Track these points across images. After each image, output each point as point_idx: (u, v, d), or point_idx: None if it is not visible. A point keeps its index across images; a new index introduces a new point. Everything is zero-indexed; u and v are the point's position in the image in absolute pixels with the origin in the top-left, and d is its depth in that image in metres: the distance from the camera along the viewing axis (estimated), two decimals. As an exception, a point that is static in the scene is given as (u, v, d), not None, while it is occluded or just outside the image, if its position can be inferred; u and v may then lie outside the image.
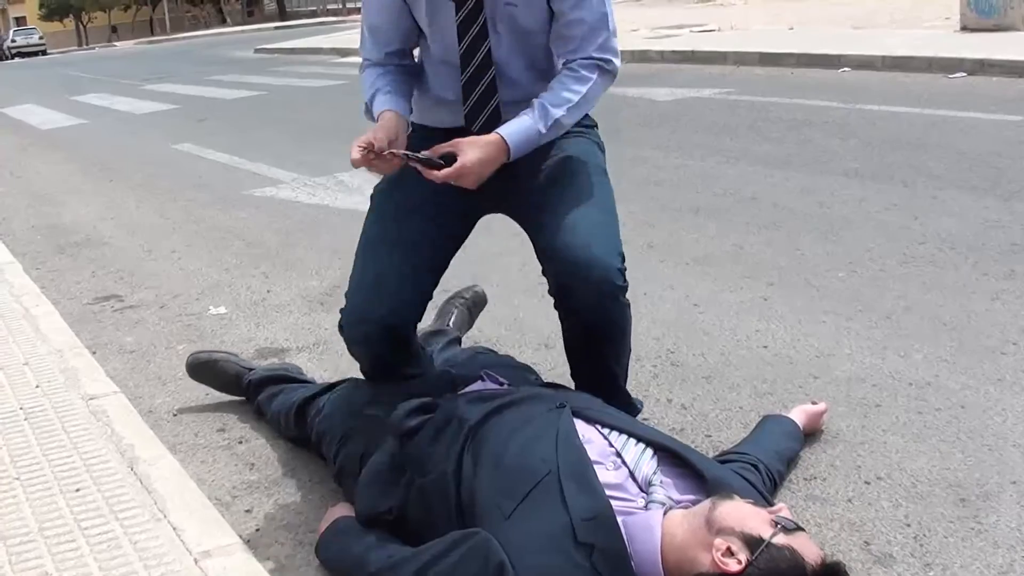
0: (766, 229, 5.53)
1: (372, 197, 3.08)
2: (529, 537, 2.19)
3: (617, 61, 2.92)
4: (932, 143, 7.40)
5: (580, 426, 2.47)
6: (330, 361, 4.13)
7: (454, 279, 3.33)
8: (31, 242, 6.76)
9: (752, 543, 2.10)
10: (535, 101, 2.82)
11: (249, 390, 3.57)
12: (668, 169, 7.28)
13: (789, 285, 4.65)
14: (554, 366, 3.83)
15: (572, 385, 3.14)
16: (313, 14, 60.09)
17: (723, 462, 2.72)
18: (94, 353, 4.24)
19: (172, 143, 11.00)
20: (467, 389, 2.85)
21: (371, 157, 2.71)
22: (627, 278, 2.84)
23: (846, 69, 12.05)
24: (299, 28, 43.06)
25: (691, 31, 18.12)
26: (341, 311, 3.01)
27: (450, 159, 2.71)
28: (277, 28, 48.20)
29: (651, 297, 4.55)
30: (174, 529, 2.67)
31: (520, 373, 3.15)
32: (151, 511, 2.77)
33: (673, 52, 15.11)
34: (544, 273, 2.89)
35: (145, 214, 7.43)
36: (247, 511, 2.97)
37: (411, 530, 2.50)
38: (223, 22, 66.35)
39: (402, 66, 3.04)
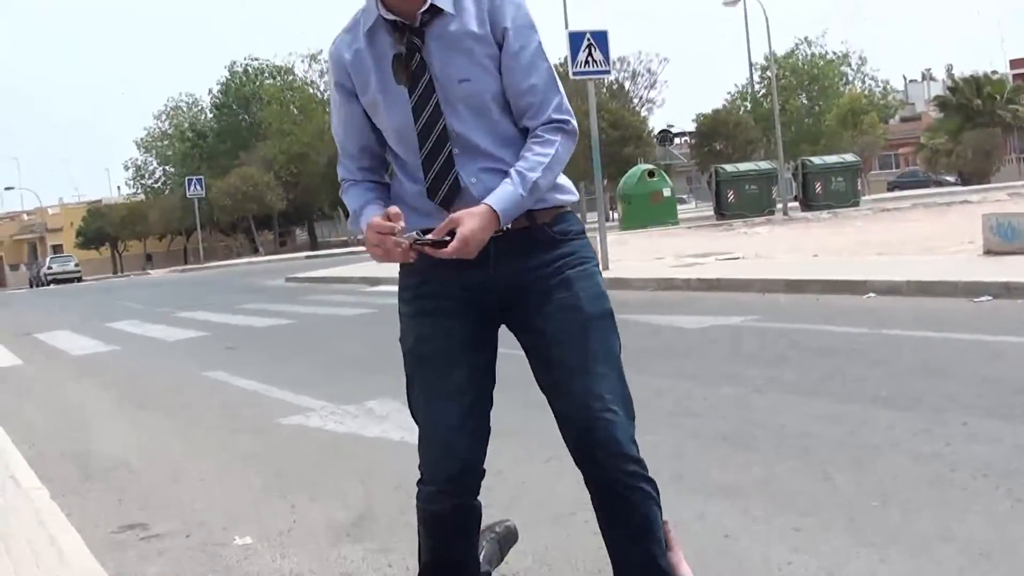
0: (796, 458, 5.49)
1: (404, 353, 3.26)
2: None
3: (574, 121, 3.16)
4: (960, 368, 7.41)
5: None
6: (356, 593, 4.09)
7: (485, 509, 3.33)
8: (59, 467, 6.77)
9: None
10: (511, 171, 3.02)
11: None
12: (696, 399, 7.28)
13: (821, 515, 4.59)
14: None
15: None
16: (344, 243, 61.27)
17: None
18: (118, 584, 4.21)
19: (203, 370, 11.11)
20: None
21: (394, 243, 2.92)
22: (638, 449, 3.14)
23: (872, 295, 12.13)
24: (330, 257, 43.86)
25: (716, 259, 18.37)
26: (419, 482, 3.26)
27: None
28: (308, 257, 49.10)
29: (682, 528, 4.47)
30: None
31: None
32: None
33: (699, 280, 15.29)
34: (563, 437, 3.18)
35: (173, 440, 7.45)
36: None
37: None
38: (255, 251, 67.71)
39: (382, 184, 3.25)
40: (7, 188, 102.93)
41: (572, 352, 3.07)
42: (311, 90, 70.40)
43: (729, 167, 39.66)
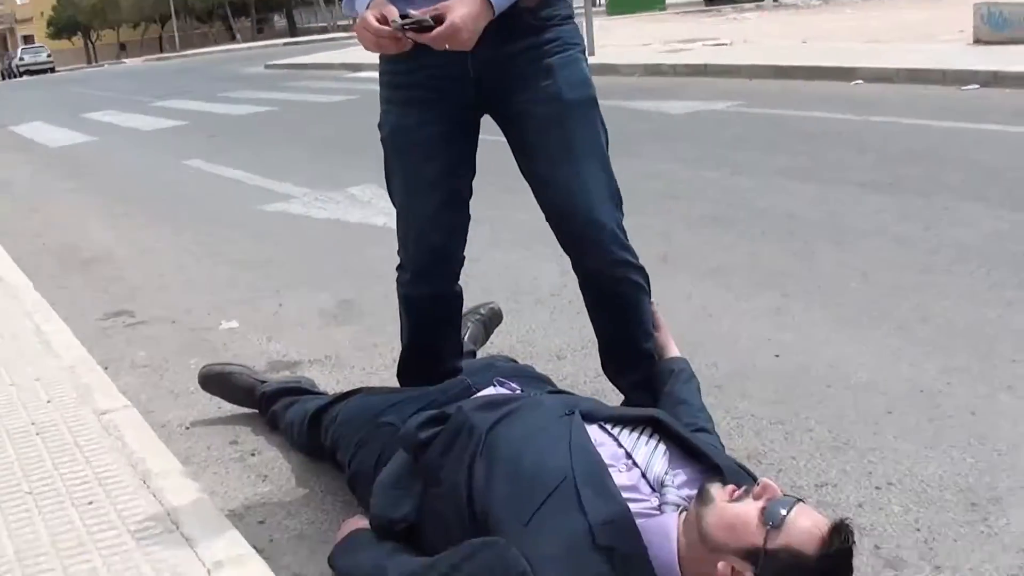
0: (780, 240, 5.53)
1: (381, 140, 3.12)
2: (549, 544, 2.20)
3: None
4: (946, 155, 7.40)
5: (591, 430, 2.48)
6: (343, 374, 4.14)
7: (467, 294, 3.35)
8: (41, 260, 6.77)
9: (751, 556, 2.10)
10: None
11: (262, 402, 3.58)
12: (683, 182, 7.29)
13: (803, 294, 4.65)
14: (565, 377, 3.84)
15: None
16: (324, 30, 60.24)
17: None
18: (106, 368, 4.24)
19: (182, 159, 11.03)
20: (478, 395, 2.86)
21: (388, 34, 2.72)
22: (627, 235, 3.05)
23: (859, 82, 12.04)
24: (309, 44, 43.16)
25: (704, 44, 18.11)
26: (398, 267, 3.23)
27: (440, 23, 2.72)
28: (287, 44, 48.22)
29: (667, 308, 4.50)
30: (187, 540, 2.67)
31: (534, 383, 3.16)
32: (164, 523, 2.77)
33: (686, 66, 15.13)
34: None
35: (155, 231, 7.44)
36: (260, 522, 2.98)
37: (425, 541, 2.50)
38: (233, 39, 66.47)
39: None
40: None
41: (554, 140, 2.97)
42: None
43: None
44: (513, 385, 2.95)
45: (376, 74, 3.15)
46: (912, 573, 2.50)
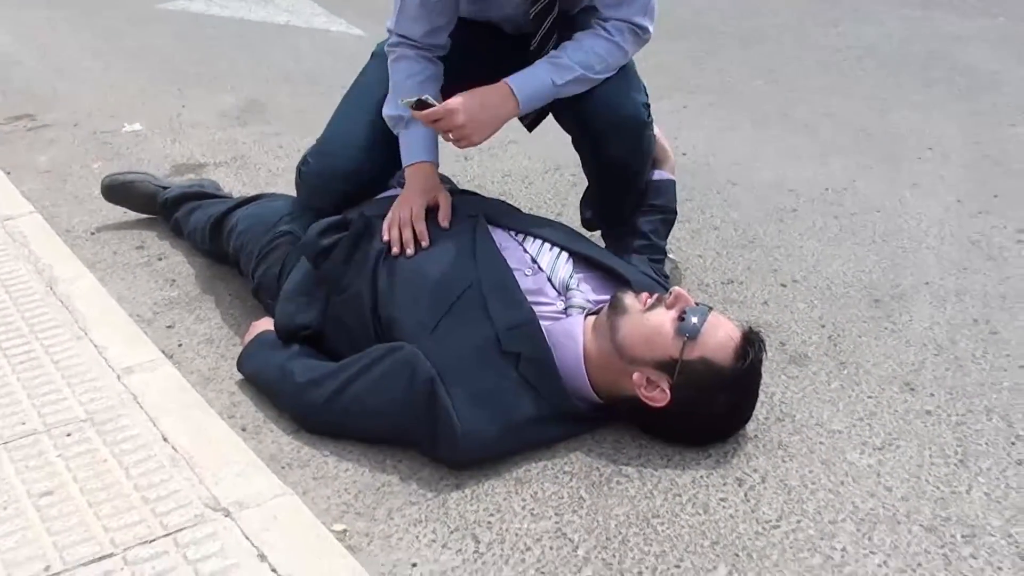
0: (684, 39, 5.49)
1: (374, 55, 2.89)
2: (455, 350, 2.20)
3: (652, 28, 2.66)
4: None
5: (496, 234, 2.47)
6: (248, 175, 4.08)
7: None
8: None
9: (667, 367, 2.13)
10: (554, 52, 2.59)
11: (166, 208, 3.52)
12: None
13: (708, 94, 4.65)
14: (472, 178, 3.82)
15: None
16: None
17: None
18: (8, 174, 4.14)
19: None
20: (380, 197, 2.81)
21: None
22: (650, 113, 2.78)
23: None
24: None
25: None
26: (308, 154, 2.94)
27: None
28: None
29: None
30: (96, 347, 2.66)
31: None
32: (72, 330, 2.75)
33: None
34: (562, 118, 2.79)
35: (54, 32, 7.17)
36: (169, 327, 2.96)
37: (331, 348, 2.49)
38: None
39: (438, 58, 2.74)
40: None
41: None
42: None
43: None
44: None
45: None
46: (816, 369, 2.57)
